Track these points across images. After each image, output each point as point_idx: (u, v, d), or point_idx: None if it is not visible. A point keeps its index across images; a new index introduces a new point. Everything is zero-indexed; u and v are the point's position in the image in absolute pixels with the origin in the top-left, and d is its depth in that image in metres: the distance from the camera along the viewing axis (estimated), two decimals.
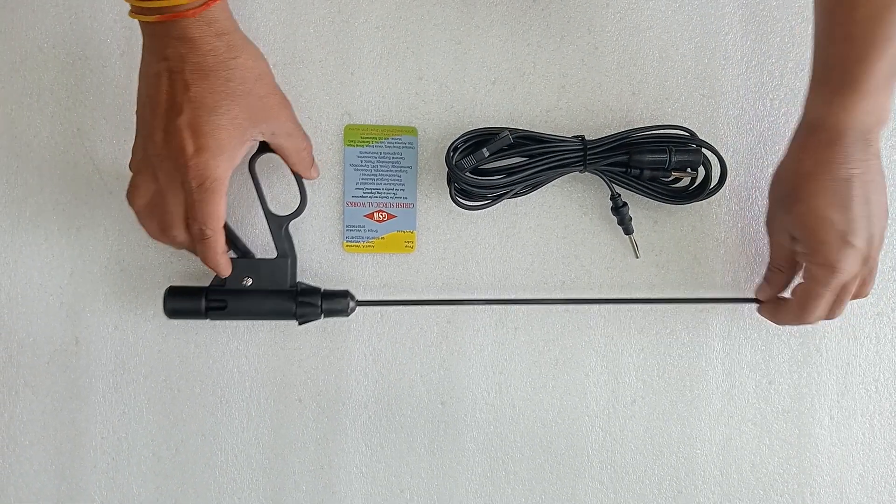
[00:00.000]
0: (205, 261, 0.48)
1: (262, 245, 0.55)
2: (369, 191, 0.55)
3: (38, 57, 0.54)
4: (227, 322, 0.55)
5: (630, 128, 0.53)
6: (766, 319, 0.54)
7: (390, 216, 0.56)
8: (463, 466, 0.57)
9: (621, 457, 0.57)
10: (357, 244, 0.55)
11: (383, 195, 0.56)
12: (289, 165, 0.51)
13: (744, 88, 0.56)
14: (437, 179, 0.56)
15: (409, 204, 0.56)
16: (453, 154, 0.52)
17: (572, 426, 0.57)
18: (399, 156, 0.55)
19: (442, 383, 0.57)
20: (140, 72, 0.45)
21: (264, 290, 0.51)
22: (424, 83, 0.56)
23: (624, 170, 0.53)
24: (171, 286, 0.51)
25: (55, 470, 0.56)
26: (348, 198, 0.55)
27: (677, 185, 0.54)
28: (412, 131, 0.55)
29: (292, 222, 0.52)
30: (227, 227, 0.48)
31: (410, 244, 0.56)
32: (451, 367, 0.57)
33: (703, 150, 0.53)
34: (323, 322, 0.55)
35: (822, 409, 0.58)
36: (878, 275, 0.53)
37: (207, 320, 0.52)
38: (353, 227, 0.55)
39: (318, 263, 0.56)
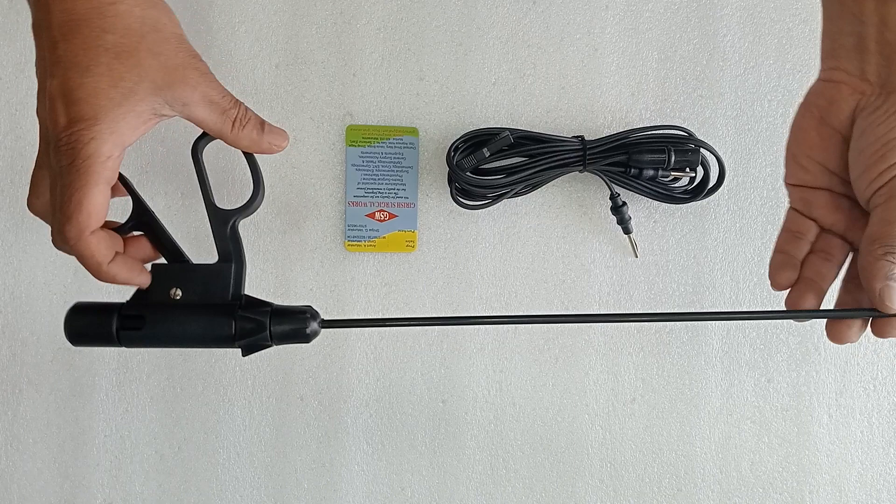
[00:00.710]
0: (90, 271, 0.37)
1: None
2: (371, 191, 0.56)
3: None
4: None
5: (629, 128, 0.54)
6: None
7: (391, 216, 0.56)
8: (463, 464, 0.57)
9: (621, 454, 0.57)
10: (359, 243, 0.56)
11: (385, 195, 0.56)
12: (229, 144, 0.39)
13: (742, 89, 0.57)
14: (437, 179, 0.56)
15: (410, 203, 0.56)
16: (454, 154, 0.53)
17: (572, 424, 0.57)
18: (400, 156, 0.56)
19: (442, 382, 0.57)
20: None
21: (196, 302, 0.38)
22: (425, 84, 0.56)
23: (623, 170, 0.53)
24: (77, 303, 0.39)
25: (58, 467, 0.56)
26: (350, 197, 0.56)
27: (676, 184, 0.54)
28: (413, 132, 0.56)
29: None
30: (153, 223, 0.39)
31: (412, 243, 0.56)
32: (451, 365, 0.57)
33: (702, 150, 0.53)
34: None
35: (821, 408, 0.58)
36: None
37: None
38: (355, 226, 0.56)
39: (319, 263, 0.56)
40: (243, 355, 0.38)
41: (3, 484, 0.56)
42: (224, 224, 0.40)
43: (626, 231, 0.55)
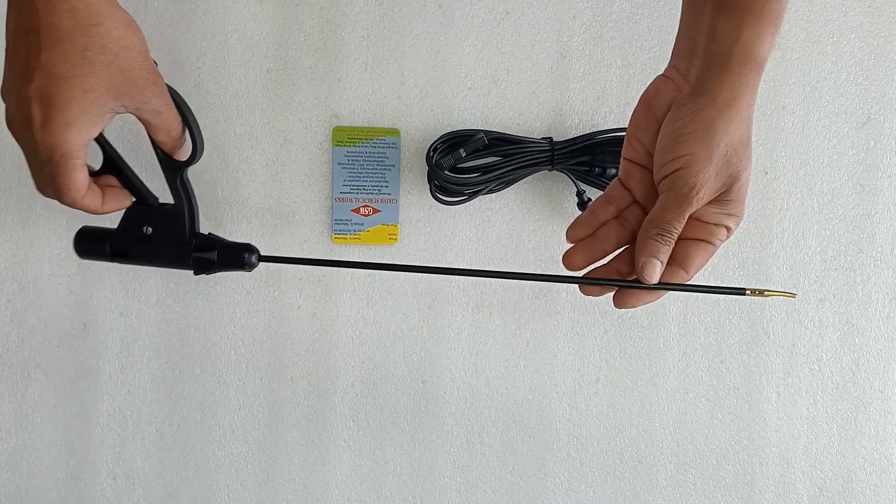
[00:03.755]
0: None
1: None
2: (356, 187, 0.58)
3: None
4: (223, 307, 0.59)
5: (594, 130, 0.57)
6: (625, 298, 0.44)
7: (375, 211, 0.58)
8: (442, 439, 0.60)
9: (586, 430, 0.61)
10: (345, 236, 0.59)
11: (369, 191, 0.58)
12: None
13: None
14: (418, 177, 0.59)
15: (392, 199, 0.59)
16: (433, 154, 0.55)
17: (542, 402, 0.60)
18: (383, 155, 0.58)
19: (423, 364, 0.60)
20: (6, 24, 0.41)
21: (162, 237, 0.48)
22: (406, 88, 0.59)
23: (588, 168, 0.56)
24: (82, 227, 0.50)
25: (65, 445, 0.59)
26: (336, 194, 0.58)
27: None
28: (395, 132, 0.58)
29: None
30: (124, 171, 0.47)
31: (394, 236, 0.59)
32: (431, 349, 0.60)
33: None
34: (313, 307, 0.59)
35: (770, 387, 0.61)
36: (820, 263, 0.58)
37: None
38: (341, 220, 0.58)
39: (309, 253, 0.58)
40: (195, 274, 0.48)
41: (14, 461, 0.58)
42: (174, 175, 0.48)
43: None
